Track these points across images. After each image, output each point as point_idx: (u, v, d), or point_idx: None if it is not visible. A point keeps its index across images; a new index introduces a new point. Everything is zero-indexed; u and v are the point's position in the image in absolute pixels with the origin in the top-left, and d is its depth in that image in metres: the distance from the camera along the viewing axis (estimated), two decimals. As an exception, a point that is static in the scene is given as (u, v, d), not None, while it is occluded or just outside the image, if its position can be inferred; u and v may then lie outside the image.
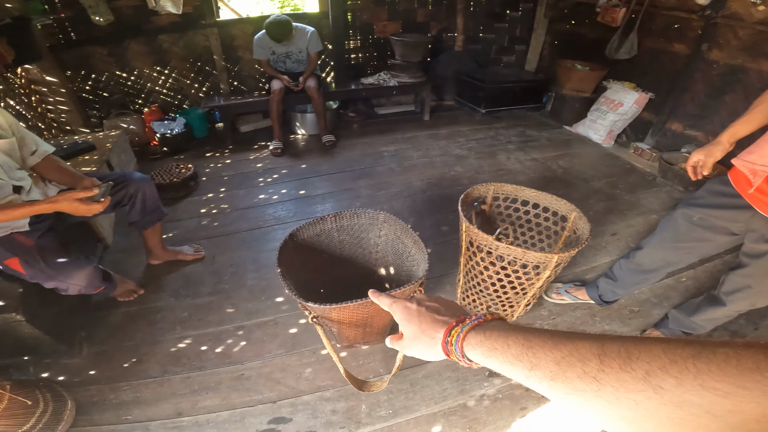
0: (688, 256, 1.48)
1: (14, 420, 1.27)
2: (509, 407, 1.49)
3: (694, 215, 1.39)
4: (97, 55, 3.39)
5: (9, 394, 1.26)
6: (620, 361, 0.33)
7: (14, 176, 1.52)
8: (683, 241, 1.45)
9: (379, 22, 4.05)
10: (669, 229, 1.49)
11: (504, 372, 0.44)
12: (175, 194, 2.75)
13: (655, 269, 1.59)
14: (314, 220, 1.60)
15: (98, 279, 1.64)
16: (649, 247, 1.57)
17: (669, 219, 1.50)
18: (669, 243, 1.50)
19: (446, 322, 0.54)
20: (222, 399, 1.52)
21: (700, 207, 1.37)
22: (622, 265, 1.70)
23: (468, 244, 1.58)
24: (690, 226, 1.40)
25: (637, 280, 1.68)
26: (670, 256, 1.52)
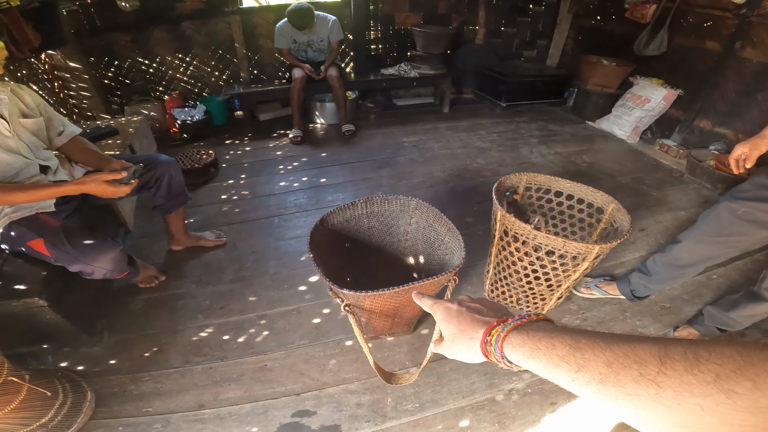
0: (730, 250, 1.43)
1: (32, 412, 1.22)
2: (539, 402, 1.45)
3: (739, 209, 1.33)
4: (121, 41, 3.40)
5: (28, 385, 1.21)
6: (685, 364, 0.30)
7: (41, 156, 1.51)
8: (725, 235, 1.39)
9: (400, 13, 4.01)
10: (711, 222, 1.43)
11: (546, 375, 0.41)
12: (195, 180, 2.74)
13: (693, 264, 1.54)
14: (345, 205, 1.56)
15: (123, 263, 1.60)
16: (688, 241, 1.52)
17: (711, 212, 1.44)
18: (710, 237, 1.44)
19: (487, 322, 0.52)
20: (244, 391, 1.48)
21: (746, 200, 1.32)
22: (657, 259, 1.64)
23: (502, 233, 1.54)
24: (734, 219, 1.35)
25: (673, 274, 1.62)
26: (711, 251, 1.47)
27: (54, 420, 1.26)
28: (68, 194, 1.44)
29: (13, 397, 1.15)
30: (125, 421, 1.38)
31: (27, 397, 1.19)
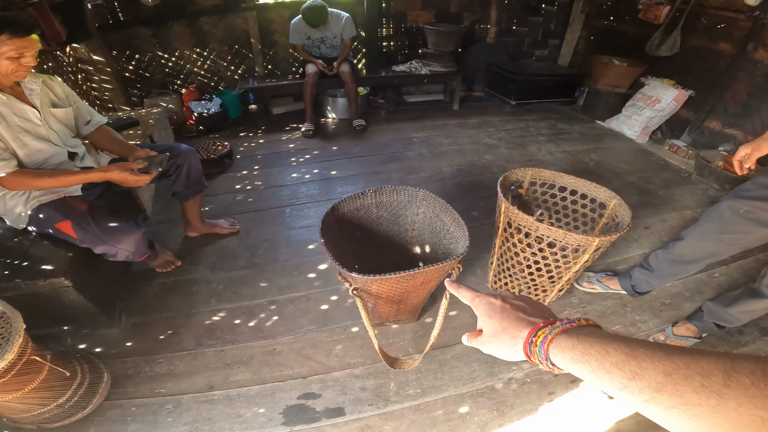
0: (731, 247, 1.46)
1: (51, 392, 1.26)
2: (537, 391, 1.49)
3: (741, 207, 1.37)
4: (142, 36, 3.51)
5: (49, 365, 1.24)
6: (753, 378, 0.29)
7: (69, 143, 1.61)
8: (728, 233, 1.43)
9: (412, 11, 4.06)
10: (714, 220, 1.46)
11: (594, 380, 0.41)
12: (211, 170, 2.83)
13: (695, 260, 1.57)
14: (354, 195, 1.63)
15: (145, 245, 1.68)
16: (691, 238, 1.55)
17: (714, 210, 1.48)
18: (712, 234, 1.48)
19: (532, 322, 0.51)
20: (253, 373, 1.54)
21: (748, 199, 1.35)
22: (660, 255, 1.68)
23: (506, 225, 1.59)
24: (736, 218, 1.38)
25: (674, 271, 1.66)
26: (712, 248, 1.50)
27: (71, 400, 1.32)
28: (93, 181, 1.53)
29: (34, 377, 1.19)
30: (138, 402, 1.44)
31: (47, 377, 1.23)
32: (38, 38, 1.37)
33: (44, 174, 1.43)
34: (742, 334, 1.72)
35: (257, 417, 1.40)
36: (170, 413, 1.41)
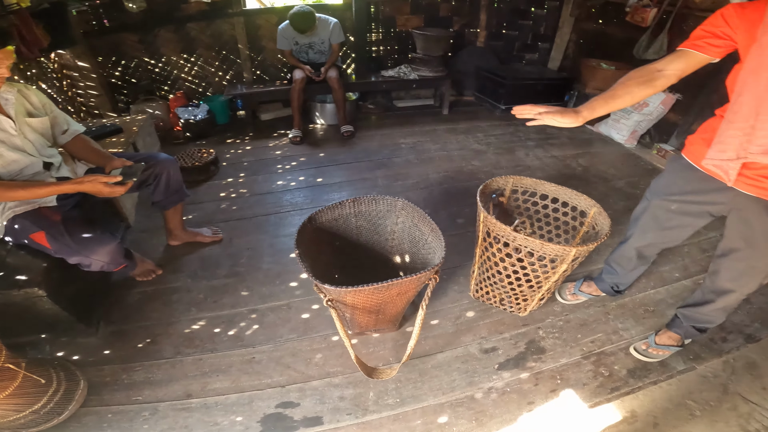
0: (678, 235, 1.47)
1: (26, 399, 1.27)
2: (516, 401, 1.48)
3: (671, 205, 1.39)
4: (128, 42, 3.48)
5: (24, 372, 1.25)
6: None
7: (45, 153, 1.58)
8: (668, 228, 1.45)
9: (401, 16, 4.05)
10: (649, 221, 1.49)
11: None
12: (196, 177, 2.81)
13: (648, 255, 1.62)
14: (333, 205, 1.62)
15: (120, 256, 1.65)
16: (635, 238, 1.58)
17: (644, 212, 1.50)
18: (653, 231, 1.51)
19: None
20: (232, 382, 1.53)
21: (674, 195, 1.37)
22: (615, 259, 1.72)
23: (485, 234, 1.58)
24: (670, 214, 1.41)
25: (634, 266, 1.67)
26: (659, 239, 1.53)
27: (46, 407, 1.32)
28: (66, 192, 1.51)
29: (8, 384, 1.20)
30: (115, 409, 1.44)
31: (22, 384, 1.24)
32: (13, 50, 1.35)
33: (16, 186, 1.41)
34: (726, 341, 1.71)
35: (234, 425, 1.39)
36: (146, 420, 1.40)
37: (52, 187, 1.46)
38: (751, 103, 1.02)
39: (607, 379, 1.56)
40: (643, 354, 1.62)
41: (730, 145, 1.09)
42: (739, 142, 1.07)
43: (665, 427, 1.40)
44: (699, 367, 1.60)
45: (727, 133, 1.09)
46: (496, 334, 1.73)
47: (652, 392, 1.51)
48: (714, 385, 1.53)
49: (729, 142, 1.09)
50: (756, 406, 1.45)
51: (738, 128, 1.06)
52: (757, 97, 1.01)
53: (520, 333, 1.74)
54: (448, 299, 1.90)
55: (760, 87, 1.00)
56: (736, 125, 1.07)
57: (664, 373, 1.58)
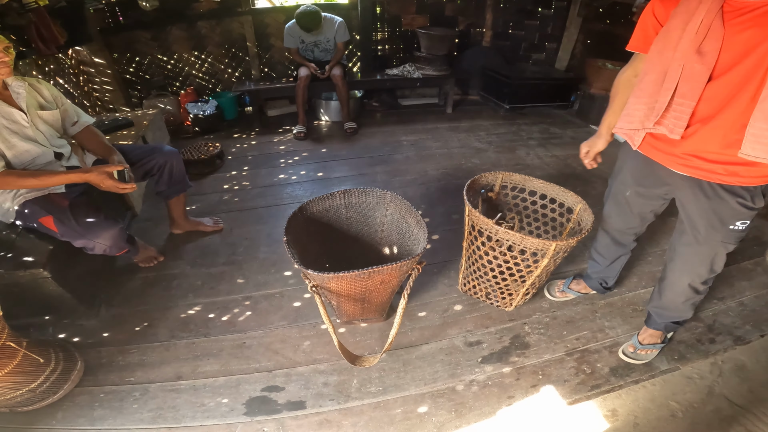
0: (640, 219, 1.53)
1: (23, 377, 1.31)
2: (497, 395, 1.49)
3: (626, 190, 1.46)
4: (142, 39, 3.62)
5: (24, 351, 1.30)
6: None
7: (55, 143, 1.68)
8: (628, 212, 1.52)
9: (407, 15, 4.10)
10: (612, 204, 1.57)
11: None
12: (202, 170, 2.91)
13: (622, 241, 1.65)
14: (324, 196, 1.68)
15: (122, 240, 1.72)
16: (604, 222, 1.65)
17: (609, 196, 1.59)
18: (619, 216, 1.57)
19: None
20: (221, 365, 1.58)
21: (628, 180, 1.44)
22: (595, 247, 1.75)
23: (470, 228, 1.62)
24: (627, 198, 1.48)
25: (612, 253, 1.70)
26: (623, 223, 1.58)
27: (43, 386, 1.37)
28: (73, 182, 1.60)
29: (8, 362, 1.26)
30: (107, 389, 1.51)
31: (21, 363, 1.30)
32: (11, 45, 1.43)
33: (28, 175, 1.50)
34: (714, 342, 1.70)
35: (220, 406, 1.45)
36: (136, 400, 1.47)
37: (61, 176, 1.56)
38: (656, 80, 1.13)
39: (589, 376, 1.56)
40: (632, 357, 1.60)
41: (635, 116, 1.21)
42: (643, 114, 1.19)
43: (645, 428, 1.39)
44: (684, 368, 1.58)
45: (633, 107, 1.22)
46: (482, 328, 1.76)
47: (635, 391, 1.50)
48: (699, 387, 1.51)
49: (634, 114, 1.21)
50: (741, 409, 1.43)
51: (643, 103, 1.18)
52: (660, 74, 1.12)
53: (506, 328, 1.76)
54: (437, 292, 1.94)
55: (663, 65, 1.11)
56: (641, 100, 1.19)
57: (646, 373, 1.57)
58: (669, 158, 1.22)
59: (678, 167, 1.21)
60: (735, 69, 1.00)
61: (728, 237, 1.24)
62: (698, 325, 1.77)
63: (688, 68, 1.06)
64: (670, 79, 1.09)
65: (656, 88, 1.13)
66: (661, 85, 1.12)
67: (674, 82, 1.08)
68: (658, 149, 1.25)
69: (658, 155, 1.26)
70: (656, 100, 1.13)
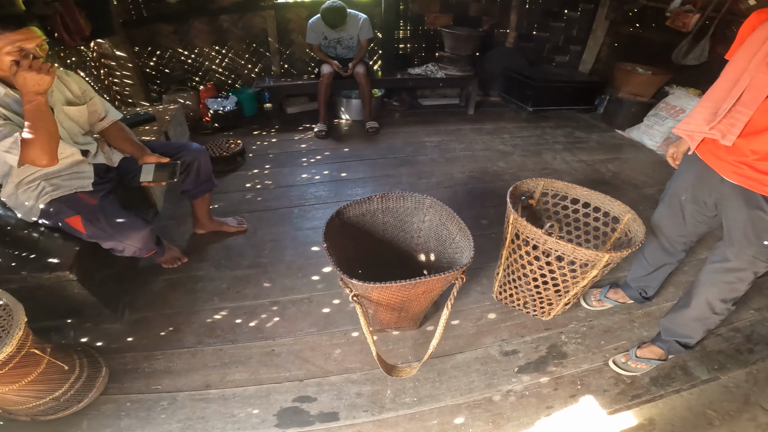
0: (692, 227, 1.47)
1: (48, 385, 1.26)
2: (535, 405, 1.46)
3: (682, 195, 1.43)
4: (164, 32, 3.56)
5: (48, 358, 1.24)
6: None
7: (79, 141, 1.60)
8: (680, 218, 1.47)
9: (430, 14, 4.03)
10: (665, 208, 1.54)
11: None
12: (223, 167, 2.85)
13: (671, 250, 1.58)
14: (361, 200, 1.61)
15: (153, 242, 1.68)
16: (655, 227, 1.58)
17: (662, 200, 1.55)
18: (667, 219, 1.53)
19: None
20: (250, 374, 1.53)
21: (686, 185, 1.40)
22: (643, 250, 1.68)
23: (513, 236, 1.55)
24: (682, 203, 1.44)
25: (658, 259, 1.64)
26: (674, 230, 1.53)
27: (67, 394, 1.32)
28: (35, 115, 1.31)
29: (32, 370, 1.19)
30: (134, 397, 1.45)
31: (45, 370, 1.23)
32: (38, 30, 1.31)
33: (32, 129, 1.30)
34: (752, 352, 1.66)
35: (251, 417, 1.40)
36: (164, 410, 1.41)
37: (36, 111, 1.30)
38: (726, 87, 1.15)
39: (629, 386, 1.52)
40: (622, 367, 1.57)
41: (696, 119, 1.23)
42: (703, 118, 1.20)
43: (683, 436, 1.37)
44: (722, 377, 1.56)
45: (698, 110, 1.23)
46: (518, 337, 1.70)
47: (673, 400, 1.48)
48: (735, 396, 1.50)
49: (696, 117, 1.23)
50: None
51: (707, 107, 1.20)
52: (731, 82, 1.13)
53: (542, 337, 1.71)
54: (470, 300, 1.88)
55: (736, 74, 1.13)
56: (707, 104, 1.20)
57: (687, 382, 1.54)
58: (722, 164, 1.22)
59: (729, 174, 1.21)
60: None
61: (761, 253, 1.21)
62: (737, 335, 1.75)
63: (756, 78, 1.07)
64: (738, 87, 1.11)
65: (724, 95, 1.15)
66: (729, 93, 1.13)
67: (740, 90, 1.10)
68: (714, 154, 1.25)
69: (713, 160, 1.26)
70: (720, 106, 1.15)
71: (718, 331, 1.75)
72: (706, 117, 1.19)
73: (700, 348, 1.66)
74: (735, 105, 1.12)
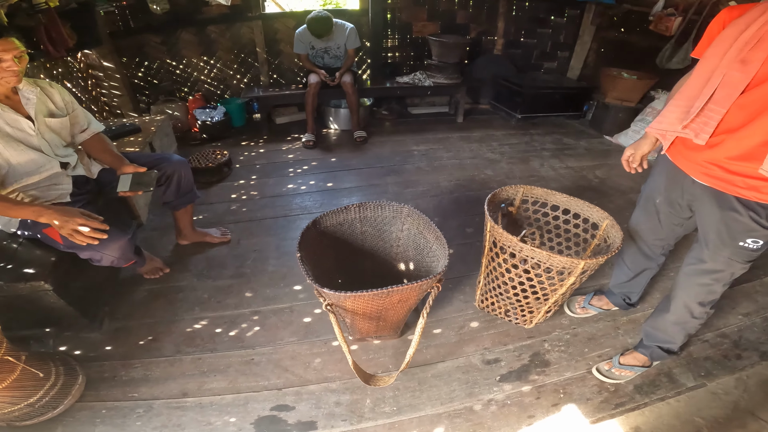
0: (668, 230, 1.47)
1: (22, 391, 1.28)
2: (517, 414, 1.44)
3: (657, 197, 1.42)
4: (152, 43, 3.57)
5: (22, 365, 1.26)
6: None
7: (60, 152, 1.60)
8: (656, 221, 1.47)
9: (417, 22, 4.05)
10: (641, 212, 1.54)
11: None
12: (209, 178, 2.85)
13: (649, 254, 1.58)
14: (338, 209, 1.61)
15: (131, 252, 1.65)
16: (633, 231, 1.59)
17: (638, 204, 1.56)
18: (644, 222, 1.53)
19: None
20: (229, 382, 1.53)
21: (659, 188, 1.41)
22: (622, 255, 1.68)
23: (491, 244, 1.55)
24: (657, 206, 1.44)
25: (639, 264, 1.63)
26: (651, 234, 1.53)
27: (42, 400, 1.33)
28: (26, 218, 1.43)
29: (6, 376, 1.21)
30: (110, 405, 1.45)
31: (20, 377, 1.25)
32: (17, 41, 1.34)
33: None
34: (740, 358, 1.65)
35: (227, 426, 1.39)
36: (140, 417, 1.41)
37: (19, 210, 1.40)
38: (699, 85, 1.13)
39: (613, 394, 1.51)
40: (605, 375, 1.56)
41: (669, 118, 1.20)
42: (676, 117, 1.18)
43: (670, 445, 1.35)
44: (710, 384, 1.55)
45: (670, 108, 1.21)
46: (500, 346, 1.69)
47: (659, 408, 1.46)
48: (724, 402, 1.48)
49: (668, 116, 1.20)
50: (767, 424, 1.40)
51: (680, 105, 1.17)
52: (704, 79, 1.11)
53: (525, 345, 1.70)
54: (452, 308, 1.87)
55: (708, 71, 1.11)
56: (679, 102, 1.18)
57: (672, 389, 1.52)
58: (692, 165, 1.22)
59: (699, 175, 1.20)
60: None
61: (736, 254, 1.20)
62: (724, 341, 1.74)
63: (728, 76, 1.05)
64: (710, 85, 1.09)
65: (696, 93, 1.13)
66: (701, 91, 1.12)
67: (713, 88, 1.08)
68: (683, 156, 1.24)
69: (683, 162, 1.25)
70: (692, 104, 1.13)
71: (705, 337, 1.74)
72: (679, 116, 1.17)
73: (685, 354, 1.65)
74: (707, 103, 1.10)
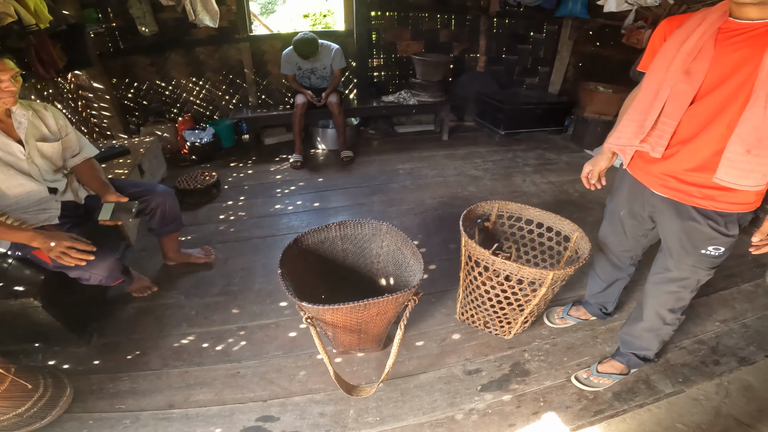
0: (634, 240, 1.51)
1: (11, 402, 1.33)
2: (497, 423, 1.48)
3: (621, 210, 1.46)
4: (141, 64, 3.65)
5: (11, 377, 1.32)
6: None
7: (49, 178, 1.63)
8: (621, 232, 1.51)
9: (402, 42, 4.18)
10: (607, 224, 1.58)
11: None
12: (198, 200, 2.90)
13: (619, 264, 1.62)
14: (319, 228, 1.67)
15: (118, 271, 1.69)
16: (601, 243, 1.63)
17: (605, 217, 1.59)
18: (611, 234, 1.58)
19: None
20: (215, 394, 1.57)
21: (623, 200, 1.44)
22: (593, 266, 1.73)
23: (467, 258, 1.61)
24: (621, 218, 1.47)
25: (610, 275, 1.68)
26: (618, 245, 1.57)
27: (30, 411, 1.37)
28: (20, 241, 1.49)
29: None
30: (97, 416, 1.49)
31: (8, 388, 1.31)
32: (11, 62, 1.38)
33: None
34: (718, 364, 1.70)
35: (213, 436, 1.42)
36: (126, 428, 1.45)
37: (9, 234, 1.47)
38: (649, 98, 1.14)
39: (592, 402, 1.55)
40: (584, 383, 1.59)
41: (625, 133, 1.22)
42: (632, 131, 1.20)
43: (652, 451, 1.38)
44: (689, 390, 1.58)
45: (625, 123, 1.22)
46: (481, 356, 1.74)
47: (640, 415, 1.50)
48: (705, 408, 1.52)
49: (624, 131, 1.23)
50: (750, 428, 1.44)
51: (634, 120, 1.19)
52: (653, 93, 1.13)
53: (506, 355, 1.74)
54: (435, 321, 1.92)
55: (656, 84, 1.12)
56: (633, 117, 1.19)
57: (651, 396, 1.56)
58: (649, 178, 1.25)
59: (657, 187, 1.23)
60: (718, 90, 1.01)
61: (700, 262, 1.24)
62: (701, 347, 1.78)
63: (676, 88, 1.08)
64: (659, 98, 1.11)
65: (647, 107, 1.15)
66: (651, 104, 1.14)
67: (663, 101, 1.11)
68: (641, 168, 1.27)
69: (641, 175, 1.28)
70: (645, 118, 1.15)
71: (682, 344, 1.79)
72: (635, 130, 1.19)
73: (663, 361, 1.70)
74: (660, 116, 1.12)
